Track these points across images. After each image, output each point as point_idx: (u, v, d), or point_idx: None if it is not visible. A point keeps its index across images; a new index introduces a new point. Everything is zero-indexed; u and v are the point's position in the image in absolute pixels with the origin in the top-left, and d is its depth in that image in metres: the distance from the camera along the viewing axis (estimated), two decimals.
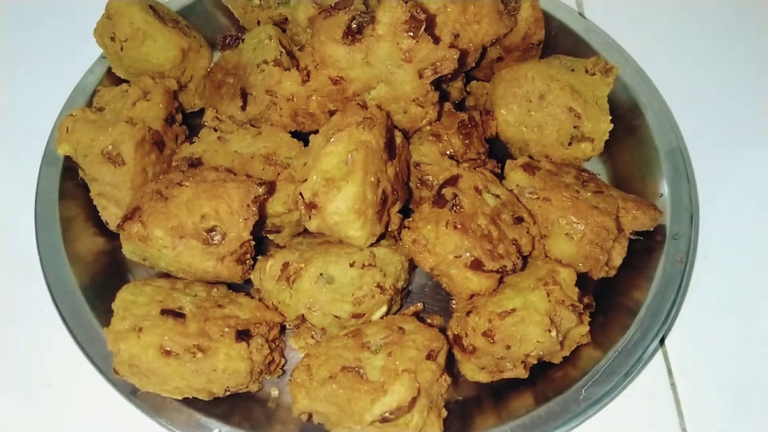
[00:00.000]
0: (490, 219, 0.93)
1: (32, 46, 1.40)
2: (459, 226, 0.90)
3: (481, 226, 0.92)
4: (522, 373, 0.93)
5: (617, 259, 1.01)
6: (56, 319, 0.97)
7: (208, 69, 1.18)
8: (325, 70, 0.97)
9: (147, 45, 1.09)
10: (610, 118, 1.08)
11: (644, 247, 1.04)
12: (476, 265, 0.90)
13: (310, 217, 0.90)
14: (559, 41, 1.22)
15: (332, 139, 0.90)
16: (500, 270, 0.90)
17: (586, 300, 0.97)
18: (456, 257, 0.91)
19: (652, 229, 1.03)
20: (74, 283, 0.98)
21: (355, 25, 0.93)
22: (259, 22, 1.26)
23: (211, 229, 0.89)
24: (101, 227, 1.07)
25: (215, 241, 0.89)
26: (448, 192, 0.93)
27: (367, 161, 0.89)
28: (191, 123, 1.14)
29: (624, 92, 1.15)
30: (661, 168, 1.09)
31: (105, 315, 0.92)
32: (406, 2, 0.92)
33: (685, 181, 1.08)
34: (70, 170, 1.07)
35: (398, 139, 0.99)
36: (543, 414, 0.91)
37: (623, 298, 1.01)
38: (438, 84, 1.02)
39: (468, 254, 0.90)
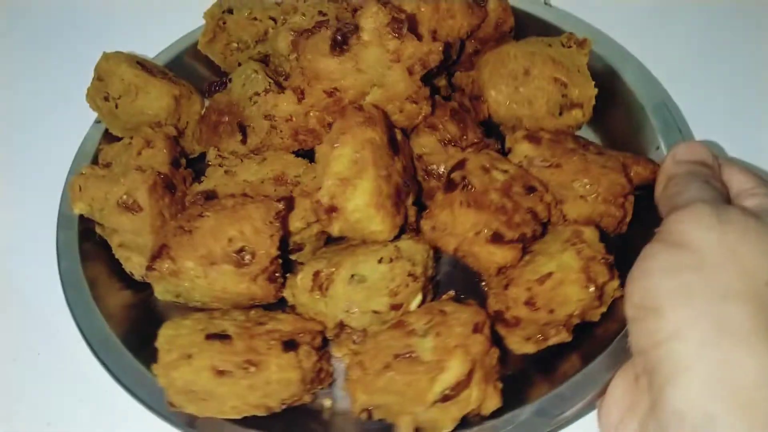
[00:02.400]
0: (502, 193, 0.95)
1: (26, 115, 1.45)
2: (473, 203, 0.92)
3: (494, 201, 0.94)
4: (566, 337, 0.94)
5: (629, 212, 1.03)
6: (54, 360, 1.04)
7: (201, 113, 1.21)
8: (318, 84, 1.00)
9: (140, 98, 1.12)
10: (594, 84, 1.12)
11: (649, 203, 1.07)
12: (497, 238, 0.92)
13: (331, 221, 0.92)
14: (529, 30, 1.26)
15: (338, 143, 0.92)
16: (521, 238, 0.92)
17: (612, 255, 0.99)
18: (476, 234, 0.93)
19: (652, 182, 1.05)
20: (114, 337, 0.99)
21: (339, 37, 0.97)
22: (239, 64, 1.30)
23: (240, 250, 0.91)
24: (126, 281, 1.08)
25: (246, 261, 0.91)
26: (456, 176, 0.95)
27: (376, 157, 0.92)
28: (194, 168, 1.17)
29: (599, 61, 1.19)
30: (651, 123, 1.13)
31: (150, 361, 0.92)
32: (385, 6, 0.96)
33: (676, 131, 1.11)
34: (86, 232, 1.09)
35: (399, 135, 1.02)
36: (595, 368, 0.91)
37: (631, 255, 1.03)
38: (428, 79, 1.05)
39: (486, 229, 0.92)
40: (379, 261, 0.93)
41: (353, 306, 0.92)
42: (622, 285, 0.95)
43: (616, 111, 1.19)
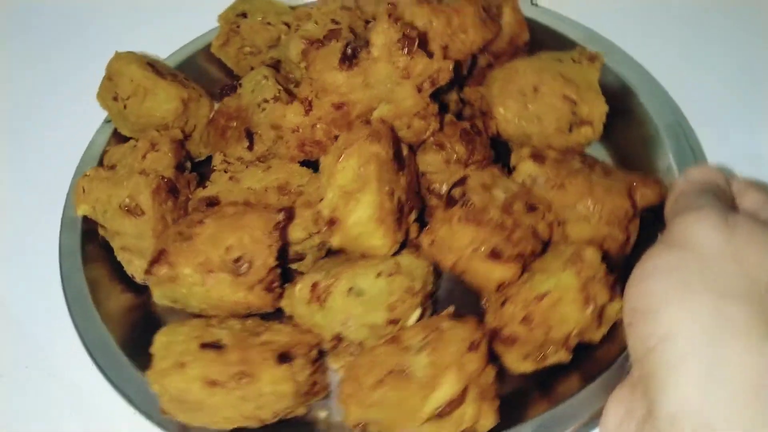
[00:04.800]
0: (502, 210, 0.94)
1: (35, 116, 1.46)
2: (471, 219, 0.92)
3: (494, 217, 0.93)
4: (565, 356, 0.93)
5: (633, 234, 1.02)
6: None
7: (210, 117, 1.21)
8: (326, 97, 0.99)
9: (148, 100, 1.12)
10: (605, 100, 1.11)
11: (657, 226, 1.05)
12: (496, 255, 0.92)
13: (332, 233, 0.92)
14: (541, 42, 1.26)
15: (343, 156, 0.92)
16: (520, 255, 0.92)
17: (613, 276, 0.98)
18: (474, 250, 0.92)
19: (660, 204, 1.04)
20: (112, 339, 0.99)
21: (350, 51, 0.97)
22: (252, 69, 1.30)
23: (238, 259, 0.91)
24: (128, 283, 1.08)
25: (243, 271, 0.91)
26: (456, 192, 0.95)
27: (380, 171, 0.91)
28: (200, 172, 1.17)
29: (613, 78, 1.18)
30: (663, 143, 1.12)
31: (146, 366, 0.92)
32: (396, 22, 0.95)
33: (689, 151, 1.10)
34: (89, 233, 1.09)
35: (405, 150, 1.01)
36: (594, 389, 0.90)
37: None
38: (437, 95, 1.05)
39: (485, 246, 0.92)
40: (378, 275, 0.93)
41: (350, 319, 0.92)
42: None
43: (629, 128, 1.18)
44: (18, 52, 1.59)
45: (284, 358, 0.87)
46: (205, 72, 1.34)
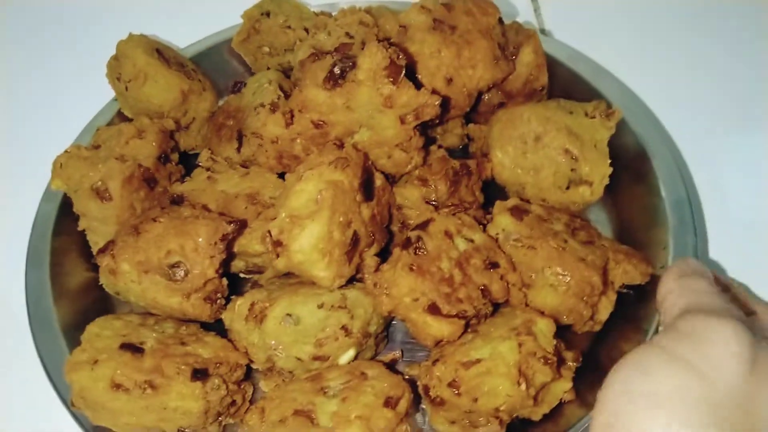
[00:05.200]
0: (455, 263, 0.89)
1: (48, 85, 1.48)
2: (415, 268, 0.87)
3: (443, 270, 0.88)
4: (497, 430, 0.87)
5: (603, 314, 0.95)
6: None
7: (212, 111, 1.20)
8: (307, 114, 0.96)
9: (148, 86, 1.11)
10: (611, 161, 1.03)
11: (638, 298, 0.98)
12: (434, 309, 0.87)
13: (277, 255, 0.88)
14: (566, 85, 1.19)
15: (302, 178, 0.89)
16: (460, 315, 0.86)
17: (571, 354, 0.91)
18: (413, 300, 0.87)
19: (643, 284, 0.97)
20: (55, 317, 0.99)
21: (337, 70, 0.93)
22: (268, 69, 1.28)
23: (175, 265, 0.89)
24: (93, 263, 1.08)
25: (177, 277, 0.89)
26: (414, 235, 0.90)
27: (336, 201, 0.87)
28: (193, 164, 1.16)
29: (630, 136, 1.10)
30: (666, 219, 1.03)
31: None
32: (388, 48, 0.91)
33: (692, 234, 1.01)
34: (67, 205, 1.10)
35: (379, 181, 0.97)
36: None
37: (613, 352, 0.95)
38: (424, 129, 1.00)
39: (424, 298, 0.87)
40: (320, 306, 0.89)
41: (279, 346, 0.89)
42: (579, 388, 0.88)
43: (634, 193, 1.10)
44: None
45: (200, 374, 0.85)
46: (226, 64, 1.33)
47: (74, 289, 1.05)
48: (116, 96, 1.20)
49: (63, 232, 1.09)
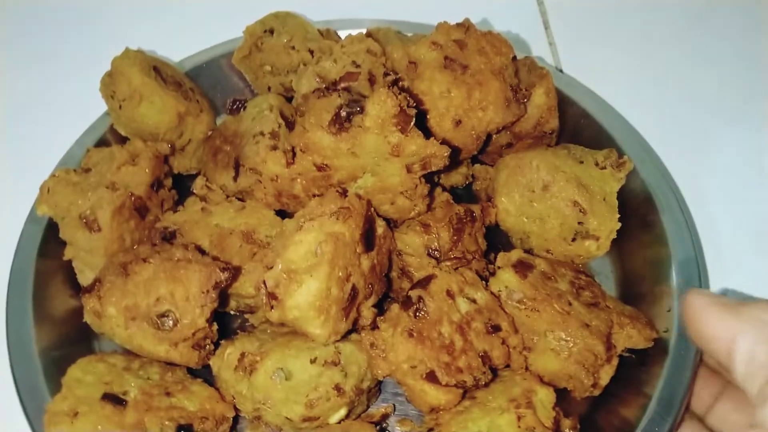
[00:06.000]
0: (456, 327, 0.86)
1: (40, 95, 1.42)
2: (415, 335, 0.84)
3: (443, 335, 0.85)
4: None
5: (604, 379, 0.92)
6: None
7: (208, 133, 1.15)
8: (310, 155, 0.92)
9: (143, 106, 1.06)
10: (619, 216, 1.00)
11: (640, 361, 0.95)
12: (432, 378, 0.83)
13: (271, 307, 0.85)
14: (575, 124, 1.16)
15: (302, 228, 0.85)
16: (458, 385, 0.83)
17: (569, 422, 0.88)
18: (411, 367, 0.84)
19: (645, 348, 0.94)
20: (34, 347, 0.94)
21: (344, 113, 0.88)
22: (270, 89, 1.23)
23: (164, 314, 0.85)
24: (77, 289, 1.04)
25: (166, 327, 0.85)
26: (415, 294, 0.87)
27: (336, 255, 0.84)
28: (188, 185, 1.12)
29: (640, 186, 1.07)
30: (671, 279, 1.00)
31: (58, 385, 0.87)
32: (398, 95, 0.86)
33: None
34: (53, 228, 1.05)
35: (380, 229, 0.93)
36: None
37: (612, 417, 0.92)
38: (430, 176, 0.96)
39: (422, 366, 0.84)
40: (313, 361, 0.86)
41: (269, 402, 0.86)
42: None
43: (641, 244, 1.07)
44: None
45: (184, 431, 0.81)
46: (225, 79, 1.28)
47: (57, 315, 1.01)
48: (109, 112, 1.14)
49: (48, 255, 1.04)
